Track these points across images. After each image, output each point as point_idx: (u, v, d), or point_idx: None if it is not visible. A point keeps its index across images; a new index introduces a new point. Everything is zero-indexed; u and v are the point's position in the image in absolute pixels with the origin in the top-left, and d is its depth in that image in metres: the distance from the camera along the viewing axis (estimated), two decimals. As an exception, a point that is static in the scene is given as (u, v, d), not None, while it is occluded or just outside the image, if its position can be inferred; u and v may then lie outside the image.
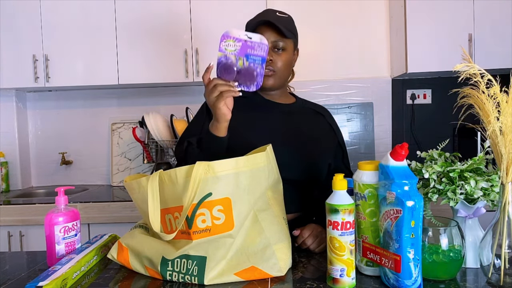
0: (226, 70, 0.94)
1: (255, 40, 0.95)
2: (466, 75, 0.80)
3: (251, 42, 0.94)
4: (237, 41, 0.94)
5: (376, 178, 0.82)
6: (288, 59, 1.19)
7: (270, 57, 1.16)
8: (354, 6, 2.59)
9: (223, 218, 0.83)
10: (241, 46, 0.94)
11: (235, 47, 0.94)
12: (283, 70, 1.19)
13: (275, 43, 1.16)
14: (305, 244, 1.05)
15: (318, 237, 1.05)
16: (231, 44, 0.94)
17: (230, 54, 0.94)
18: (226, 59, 0.94)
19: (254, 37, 0.95)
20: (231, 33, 0.94)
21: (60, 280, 0.81)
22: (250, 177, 0.85)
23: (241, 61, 0.95)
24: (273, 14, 1.20)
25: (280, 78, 1.20)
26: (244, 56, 0.95)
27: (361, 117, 2.59)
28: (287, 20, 1.20)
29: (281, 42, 1.17)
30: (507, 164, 0.78)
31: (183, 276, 0.85)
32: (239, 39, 0.94)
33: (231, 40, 0.94)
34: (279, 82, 1.21)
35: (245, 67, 0.95)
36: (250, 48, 0.94)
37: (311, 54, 2.62)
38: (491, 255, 0.80)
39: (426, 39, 2.24)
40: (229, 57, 0.94)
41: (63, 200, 1.01)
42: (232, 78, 0.95)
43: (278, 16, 1.19)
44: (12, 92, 2.61)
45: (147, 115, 2.44)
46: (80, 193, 2.42)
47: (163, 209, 0.88)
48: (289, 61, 1.20)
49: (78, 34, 2.37)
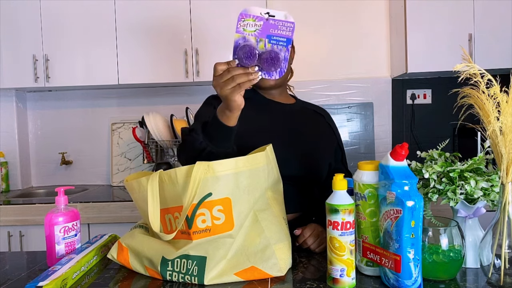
0: (246, 54, 0.81)
1: (279, 18, 0.81)
2: (466, 75, 0.80)
3: (274, 20, 0.80)
4: (258, 20, 0.80)
5: (376, 178, 0.82)
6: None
7: None
8: (354, 6, 2.59)
9: (223, 218, 0.83)
10: (263, 25, 0.80)
11: (256, 27, 0.80)
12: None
13: None
14: (306, 243, 1.05)
15: (319, 237, 1.05)
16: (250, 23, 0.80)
17: (250, 35, 0.81)
18: (245, 41, 0.81)
19: (277, 14, 0.81)
20: (250, 11, 0.81)
21: (60, 280, 0.81)
22: (250, 177, 0.85)
23: (262, 43, 0.81)
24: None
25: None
26: (266, 38, 0.81)
27: (361, 117, 2.59)
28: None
29: None
30: (507, 164, 0.78)
31: (183, 276, 0.85)
32: (260, 17, 0.80)
33: (251, 19, 0.80)
34: (277, 82, 1.22)
35: (268, 50, 0.81)
36: (273, 28, 0.81)
37: (311, 54, 2.62)
38: (491, 255, 0.80)
39: (426, 39, 2.24)
40: (249, 38, 0.81)
41: (63, 200, 1.01)
42: (253, 63, 0.82)
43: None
44: (12, 92, 2.61)
45: (147, 115, 2.44)
46: (80, 193, 2.42)
47: (163, 209, 0.88)
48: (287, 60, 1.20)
49: (78, 34, 2.37)
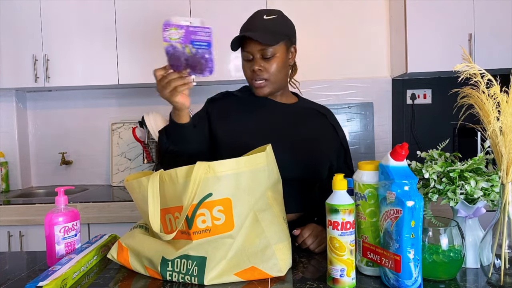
0: (174, 61, 0.92)
1: (197, 24, 0.91)
2: (466, 75, 0.80)
3: (193, 27, 0.91)
4: (179, 28, 0.90)
5: (376, 178, 0.82)
6: (280, 63, 1.15)
7: (259, 66, 1.13)
8: (354, 6, 2.59)
9: (223, 218, 0.83)
10: (184, 33, 0.90)
11: (179, 35, 0.91)
12: (276, 75, 1.16)
13: (262, 51, 1.12)
14: (305, 244, 1.05)
15: (318, 237, 1.05)
16: (173, 32, 0.90)
17: (176, 42, 0.91)
18: (173, 49, 0.91)
19: (195, 21, 0.91)
20: (171, 20, 0.91)
21: (60, 280, 0.81)
22: (250, 177, 0.85)
23: (188, 49, 0.92)
24: (259, 19, 1.15)
25: (274, 83, 1.17)
26: (190, 43, 0.91)
27: (361, 117, 2.59)
28: (274, 23, 1.14)
29: (269, 50, 1.12)
30: (507, 164, 0.78)
31: (183, 276, 0.85)
32: (180, 26, 0.90)
33: (173, 29, 0.90)
34: (275, 87, 1.19)
35: (193, 54, 0.92)
36: (193, 34, 0.91)
37: (311, 54, 2.62)
38: (491, 255, 0.80)
39: (426, 39, 2.24)
40: (175, 45, 0.91)
41: (63, 200, 1.01)
42: (181, 68, 0.93)
43: (264, 21, 1.14)
44: (12, 92, 2.61)
45: (147, 115, 2.44)
46: (80, 193, 2.41)
47: (163, 209, 0.88)
48: (282, 64, 1.16)
49: (78, 34, 2.37)
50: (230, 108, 1.24)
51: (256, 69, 1.13)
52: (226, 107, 1.24)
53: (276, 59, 1.14)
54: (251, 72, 1.15)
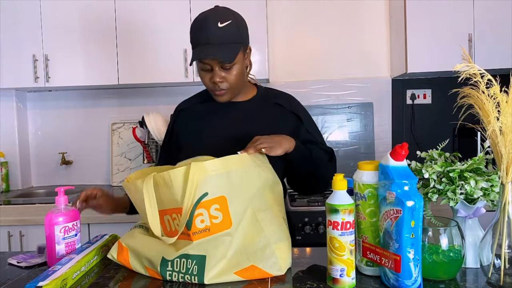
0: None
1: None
2: (466, 75, 0.80)
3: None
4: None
5: (376, 178, 0.82)
6: (239, 71, 1.12)
7: (220, 78, 1.10)
8: (354, 6, 2.59)
9: (221, 216, 0.83)
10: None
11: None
12: (237, 82, 1.13)
13: (222, 63, 1.09)
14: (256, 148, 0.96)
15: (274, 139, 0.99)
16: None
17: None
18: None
19: None
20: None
21: (60, 280, 0.81)
22: (242, 175, 0.87)
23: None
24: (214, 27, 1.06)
25: (235, 89, 1.16)
26: None
27: (361, 117, 2.59)
28: (231, 31, 1.08)
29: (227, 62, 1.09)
30: (507, 164, 0.78)
31: (183, 275, 0.85)
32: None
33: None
34: (235, 93, 1.18)
35: None
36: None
37: (311, 54, 2.62)
38: (491, 255, 0.80)
39: (426, 39, 2.24)
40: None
41: (63, 200, 1.01)
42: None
43: (220, 29, 1.06)
44: (12, 92, 2.61)
45: (147, 115, 2.44)
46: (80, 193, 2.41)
47: (161, 211, 0.88)
48: (241, 70, 1.14)
49: (78, 34, 2.37)
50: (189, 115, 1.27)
51: (217, 81, 1.11)
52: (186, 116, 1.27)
53: (235, 68, 1.11)
54: (211, 83, 1.13)
